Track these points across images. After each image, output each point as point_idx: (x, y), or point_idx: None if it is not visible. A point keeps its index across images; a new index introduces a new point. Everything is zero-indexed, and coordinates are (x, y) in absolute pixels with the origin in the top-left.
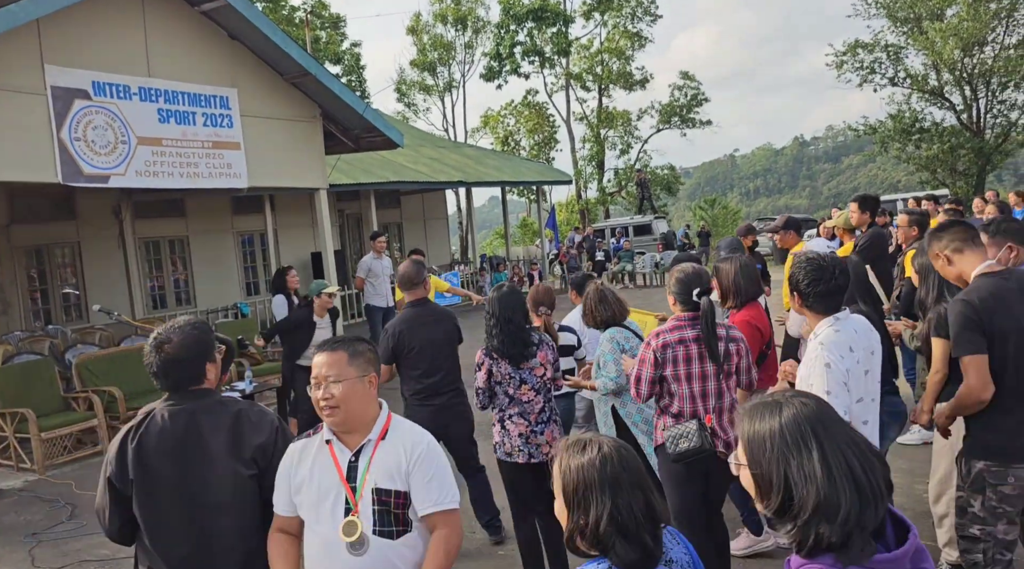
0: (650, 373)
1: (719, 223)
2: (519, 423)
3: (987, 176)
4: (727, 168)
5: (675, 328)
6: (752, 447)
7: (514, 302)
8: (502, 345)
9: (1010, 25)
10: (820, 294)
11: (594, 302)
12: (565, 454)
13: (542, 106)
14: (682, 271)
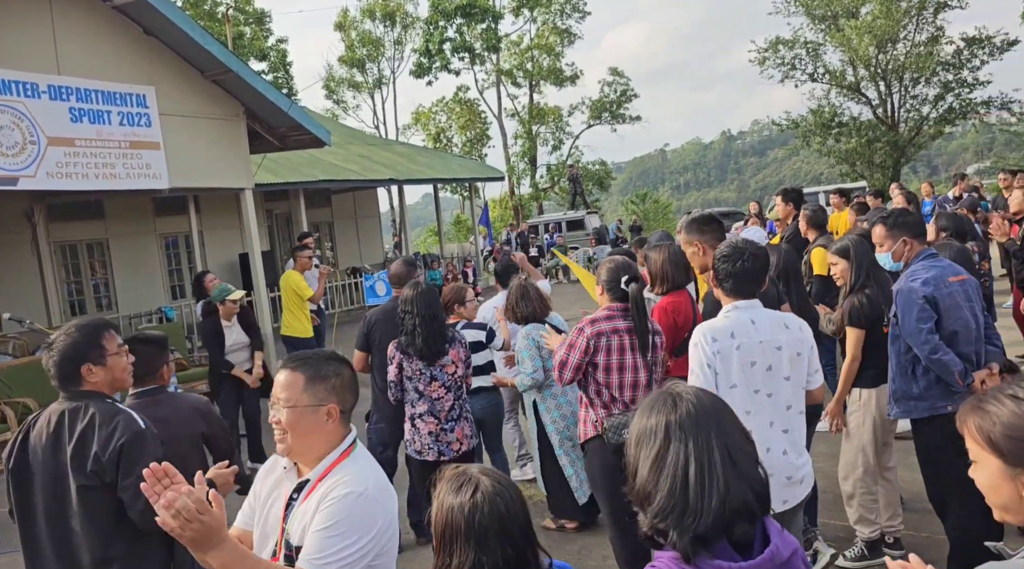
0: (577, 359)
1: (651, 217)
2: (429, 422)
3: (902, 168)
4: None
5: (609, 317)
6: (633, 436)
7: (434, 299)
8: (424, 343)
9: (920, 23)
10: (729, 274)
11: (516, 298)
12: (443, 486)
13: (473, 103)
14: (611, 260)
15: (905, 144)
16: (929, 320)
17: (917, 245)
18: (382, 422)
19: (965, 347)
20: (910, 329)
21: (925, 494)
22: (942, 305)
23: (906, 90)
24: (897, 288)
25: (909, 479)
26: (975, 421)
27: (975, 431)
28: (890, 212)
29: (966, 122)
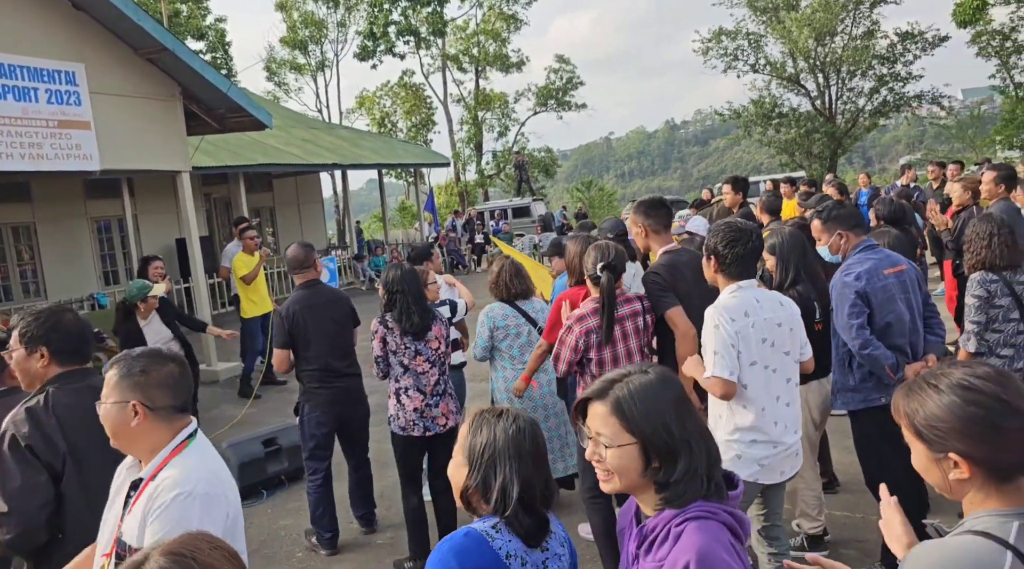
0: (569, 356)
1: (596, 205)
2: (415, 397)
3: (839, 159)
4: (603, 151)
5: (596, 311)
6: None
7: (416, 278)
8: (405, 316)
9: (856, 17)
10: (738, 256)
11: (510, 275)
12: (479, 418)
13: (419, 87)
14: (596, 247)
15: (842, 135)
16: (861, 315)
17: (853, 237)
18: (316, 410)
19: (899, 339)
20: (842, 324)
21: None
22: (875, 299)
23: (843, 83)
24: (833, 282)
25: (846, 461)
26: (903, 409)
27: (903, 418)
28: (824, 206)
29: (899, 115)
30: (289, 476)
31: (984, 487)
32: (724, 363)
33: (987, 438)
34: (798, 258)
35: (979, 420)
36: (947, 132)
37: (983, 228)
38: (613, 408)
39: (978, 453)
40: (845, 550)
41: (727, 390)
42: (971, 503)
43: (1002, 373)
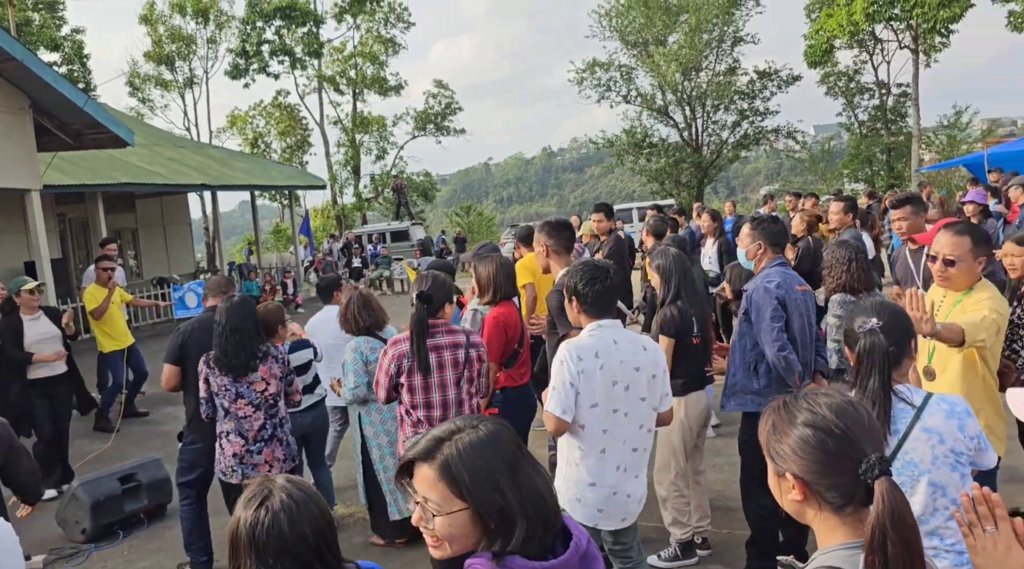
0: (385, 382)
1: (475, 229)
2: (235, 442)
3: (705, 188)
4: (482, 176)
5: (409, 338)
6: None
7: (244, 312)
8: (224, 355)
9: (719, 54)
10: (598, 293)
11: (358, 308)
12: (244, 496)
13: (294, 108)
14: (423, 275)
15: (707, 165)
16: (781, 319)
17: (770, 252)
18: (198, 442)
19: (802, 352)
20: (763, 326)
21: (728, 493)
22: (790, 309)
23: (708, 116)
24: (752, 288)
25: (713, 479)
26: (760, 424)
27: (759, 434)
28: (760, 217)
29: (759, 147)
30: (149, 514)
31: (823, 515)
32: (558, 400)
33: (820, 465)
34: (680, 276)
35: (814, 446)
36: (801, 165)
37: (842, 253)
38: (441, 472)
39: (811, 478)
40: (712, 565)
41: (557, 427)
42: (820, 534)
43: (853, 404)
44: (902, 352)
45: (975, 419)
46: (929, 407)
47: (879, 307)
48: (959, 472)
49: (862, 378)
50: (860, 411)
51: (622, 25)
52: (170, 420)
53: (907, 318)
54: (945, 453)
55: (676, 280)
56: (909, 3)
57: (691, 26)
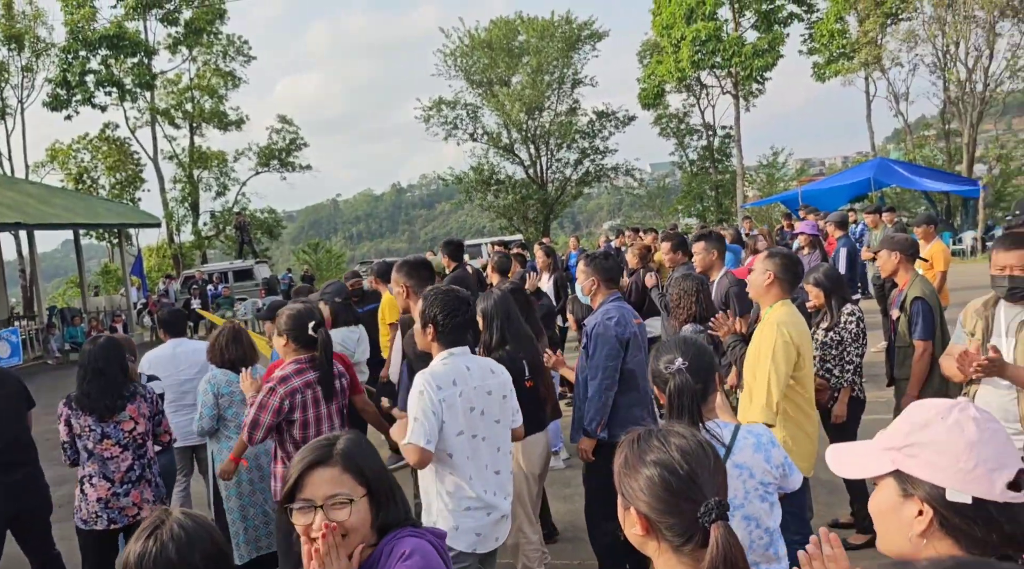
0: (271, 420)
1: (324, 267)
2: (100, 486)
3: (551, 223)
4: (330, 212)
5: (299, 371)
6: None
7: (109, 353)
8: (88, 398)
9: (560, 95)
10: (457, 325)
11: (227, 340)
12: (141, 527)
13: (124, 141)
14: (292, 308)
15: (553, 202)
16: (617, 358)
17: (604, 288)
18: None
19: (642, 382)
20: (598, 362)
21: (578, 524)
22: (631, 345)
23: (552, 154)
24: (592, 324)
25: (563, 510)
26: (616, 457)
27: (615, 462)
28: (593, 254)
29: (600, 184)
30: None
31: (663, 551)
32: (422, 431)
33: (662, 504)
34: (503, 320)
35: (658, 485)
36: (640, 201)
37: (689, 286)
38: (345, 465)
39: (653, 515)
40: None
41: (422, 458)
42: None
43: (703, 446)
44: (708, 388)
45: (779, 448)
46: (738, 442)
47: (683, 345)
48: (768, 501)
49: (675, 418)
50: (708, 454)
51: (467, 65)
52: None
53: (710, 354)
54: (755, 486)
55: (499, 324)
56: (728, 52)
57: (533, 67)
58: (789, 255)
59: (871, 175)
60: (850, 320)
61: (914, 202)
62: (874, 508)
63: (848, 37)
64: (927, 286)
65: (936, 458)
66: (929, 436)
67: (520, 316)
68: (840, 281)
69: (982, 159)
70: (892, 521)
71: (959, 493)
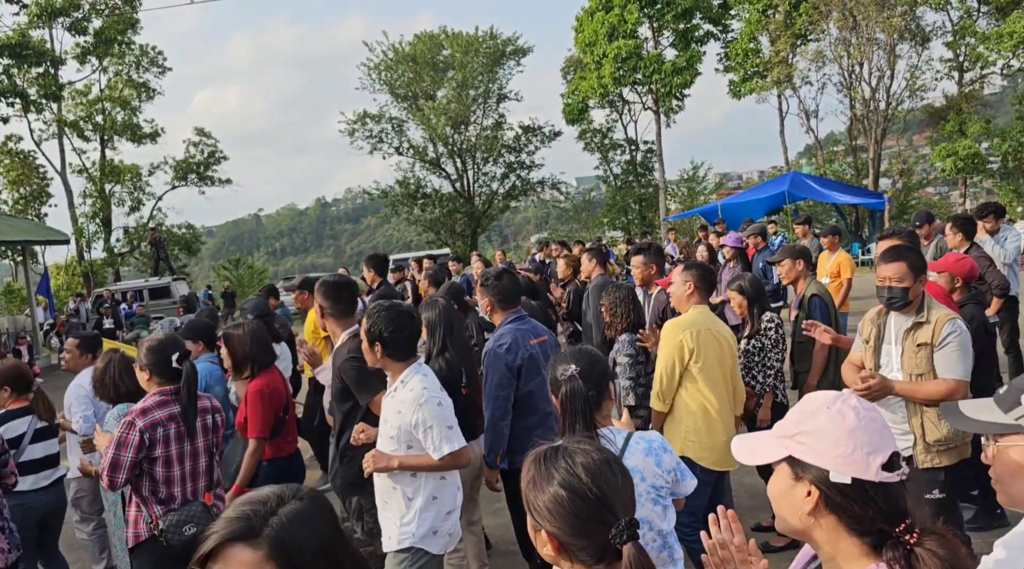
0: (132, 458)
1: (245, 283)
2: None
3: (479, 236)
4: (252, 227)
5: (162, 404)
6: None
7: None
8: None
9: (486, 110)
10: (404, 339)
11: (119, 371)
12: None
13: (29, 155)
14: (153, 339)
15: (480, 215)
16: (508, 387)
17: (499, 309)
18: None
19: (542, 404)
20: (490, 391)
21: (509, 537)
22: (523, 368)
23: (478, 168)
24: (487, 349)
25: (493, 524)
26: (524, 472)
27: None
28: (487, 274)
29: (527, 198)
30: None
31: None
32: (456, 434)
33: (573, 527)
34: (445, 329)
35: (568, 510)
36: (566, 214)
37: (622, 295)
38: (271, 551)
39: (564, 538)
40: None
41: (466, 455)
42: None
43: (611, 463)
44: (601, 395)
45: (672, 454)
46: (630, 447)
47: (577, 354)
48: (661, 505)
49: (568, 423)
50: (615, 471)
51: (391, 79)
52: None
53: (604, 362)
54: (647, 489)
55: (442, 333)
56: (648, 70)
57: (458, 82)
58: (705, 266)
59: (786, 188)
60: (769, 327)
61: (825, 215)
62: (771, 492)
63: (761, 56)
64: (821, 286)
65: (820, 444)
66: (815, 425)
67: (460, 325)
68: (762, 290)
69: (886, 173)
70: (786, 502)
71: (840, 475)
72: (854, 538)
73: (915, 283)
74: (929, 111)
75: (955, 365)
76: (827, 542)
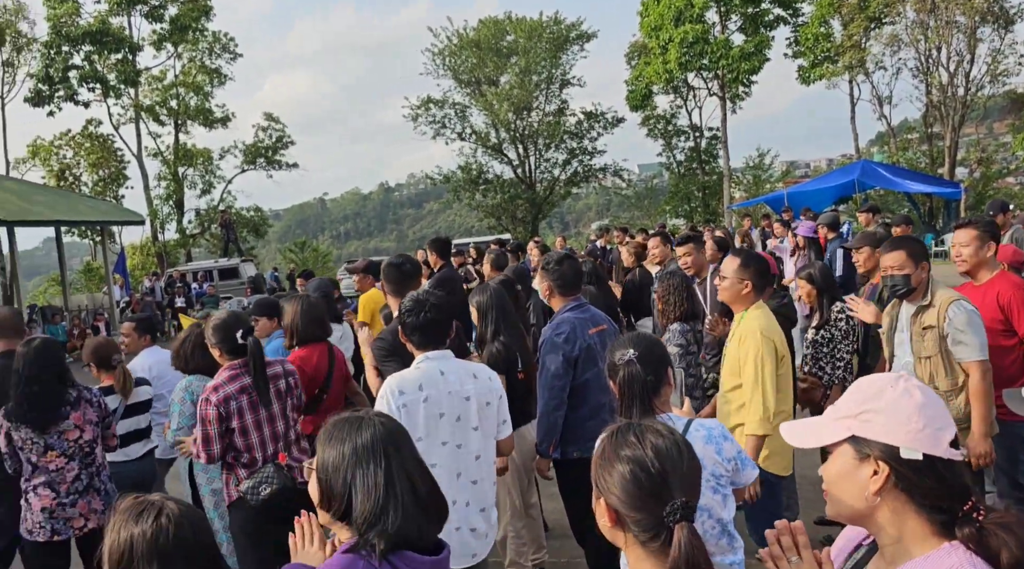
0: (217, 429)
1: (310, 265)
2: (44, 495)
3: (539, 223)
4: (317, 211)
5: (233, 378)
6: (325, 458)
7: (46, 358)
8: (20, 408)
9: (549, 95)
10: (412, 326)
11: (193, 345)
12: (119, 518)
13: (107, 138)
14: (217, 318)
15: (541, 202)
16: (564, 377)
17: (559, 295)
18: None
19: (597, 395)
20: (545, 380)
21: (564, 522)
22: (580, 358)
23: (540, 153)
24: (544, 337)
25: (549, 508)
26: (597, 446)
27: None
28: (548, 258)
29: (588, 185)
30: None
31: (632, 544)
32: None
33: (630, 498)
34: (497, 312)
35: (628, 481)
36: (628, 201)
37: (675, 282)
38: None
39: (621, 509)
40: None
41: None
42: (630, 563)
43: (679, 446)
44: (660, 381)
45: (732, 442)
46: (689, 434)
47: (635, 339)
48: (721, 493)
49: (625, 407)
50: (682, 454)
51: (455, 64)
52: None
53: (662, 348)
54: (707, 477)
55: (494, 316)
56: (715, 55)
57: (521, 68)
58: (761, 259)
59: (856, 177)
60: (840, 318)
61: (897, 204)
62: (829, 474)
63: (832, 41)
64: None
65: (889, 421)
66: (883, 403)
67: (513, 310)
68: (832, 280)
69: (964, 162)
70: (848, 484)
71: (911, 451)
72: (922, 517)
73: (916, 269)
74: (1011, 97)
75: (971, 346)
76: (892, 523)
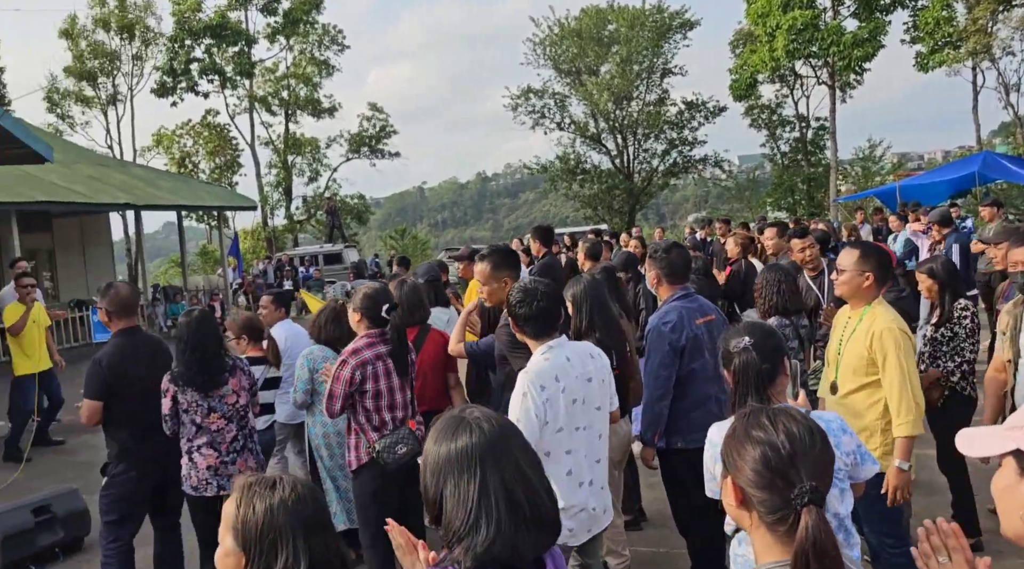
0: (345, 390)
1: (410, 252)
2: (208, 454)
3: (636, 214)
4: (416, 199)
5: (370, 345)
6: (427, 457)
7: (205, 328)
8: (189, 371)
9: (649, 85)
10: (524, 317)
11: (326, 319)
12: (247, 493)
13: (224, 128)
14: (370, 287)
15: (639, 192)
16: (670, 366)
17: (666, 283)
18: (132, 470)
19: (704, 386)
20: (651, 370)
21: (663, 512)
22: (687, 348)
23: (639, 144)
24: (651, 325)
25: (650, 497)
26: (729, 426)
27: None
28: (656, 246)
29: (687, 176)
30: (65, 548)
31: (759, 528)
32: (526, 433)
33: (758, 477)
34: (591, 306)
35: (757, 459)
36: (727, 193)
37: (772, 276)
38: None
39: (748, 488)
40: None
41: None
42: (757, 549)
43: (812, 431)
44: (775, 370)
45: (852, 435)
46: None
47: (751, 328)
48: (838, 487)
49: (739, 396)
50: (815, 438)
51: (556, 54)
52: (86, 449)
53: (778, 337)
54: None
55: (588, 309)
56: (826, 42)
57: (622, 57)
58: (881, 250)
59: (976, 169)
60: (964, 315)
61: (1021, 198)
62: (995, 488)
63: (955, 25)
64: None
65: None
66: None
67: (609, 302)
68: (956, 275)
69: None
70: (1008, 500)
71: None
72: None
73: None
74: None
75: None
76: None
